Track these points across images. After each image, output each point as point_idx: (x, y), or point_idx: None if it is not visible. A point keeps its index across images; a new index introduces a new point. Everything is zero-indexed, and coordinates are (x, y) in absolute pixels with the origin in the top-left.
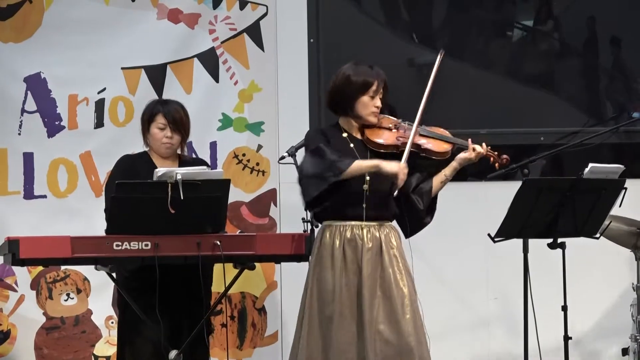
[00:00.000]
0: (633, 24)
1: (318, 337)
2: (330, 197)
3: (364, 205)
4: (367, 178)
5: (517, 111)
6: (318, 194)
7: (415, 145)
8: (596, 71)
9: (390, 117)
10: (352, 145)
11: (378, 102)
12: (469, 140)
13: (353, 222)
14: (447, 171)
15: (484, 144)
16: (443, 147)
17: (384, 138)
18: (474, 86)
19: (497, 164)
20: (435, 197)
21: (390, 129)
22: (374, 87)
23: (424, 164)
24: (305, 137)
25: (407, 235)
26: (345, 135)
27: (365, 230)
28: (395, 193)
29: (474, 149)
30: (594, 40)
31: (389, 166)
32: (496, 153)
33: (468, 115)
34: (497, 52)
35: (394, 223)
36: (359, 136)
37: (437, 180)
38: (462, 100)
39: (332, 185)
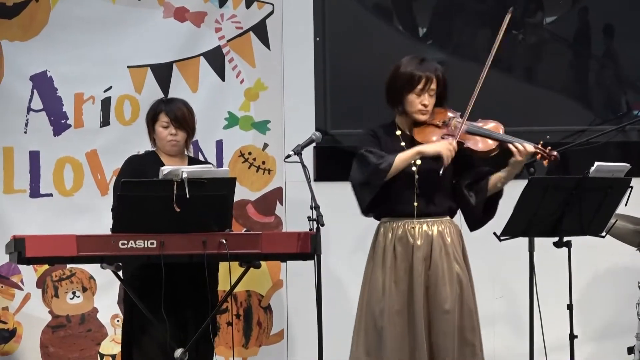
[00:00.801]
0: (632, 20)
1: (372, 332)
2: (385, 197)
3: (415, 204)
4: (417, 177)
5: (523, 109)
6: (371, 199)
7: (459, 143)
8: (601, 69)
9: (447, 110)
10: (403, 143)
11: (426, 100)
12: (513, 140)
13: (405, 220)
14: (502, 173)
15: (531, 145)
16: (485, 146)
17: (427, 136)
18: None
19: (545, 161)
20: (497, 197)
21: (438, 126)
22: (420, 85)
23: (483, 161)
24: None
25: (471, 229)
26: (398, 133)
27: (417, 228)
28: (441, 172)
29: (518, 150)
30: (597, 38)
31: (431, 147)
32: (549, 149)
33: (474, 113)
34: (503, 51)
35: (456, 218)
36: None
37: (493, 179)
38: (468, 98)
39: (383, 188)
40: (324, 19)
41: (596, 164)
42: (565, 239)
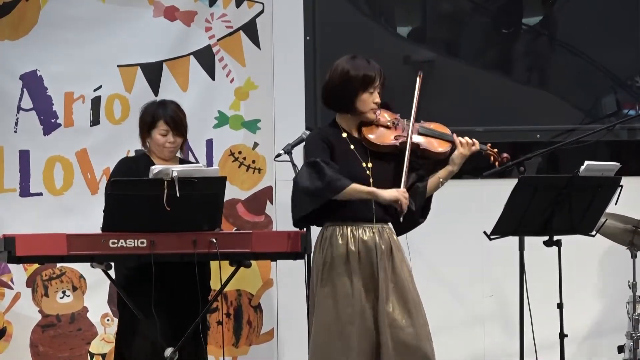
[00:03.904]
0: (623, 19)
1: (337, 340)
2: (318, 216)
3: (374, 207)
4: (372, 181)
5: (513, 109)
6: (310, 211)
7: (413, 145)
8: (591, 69)
9: (388, 112)
10: (352, 146)
11: (377, 98)
12: (454, 135)
13: (365, 224)
14: (442, 174)
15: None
16: (441, 146)
17: (381, 138)
18: (470, 84)
19: (497, 162)
20: (430, 198)
21: (388, 127)
22: (373, 83)
23: (420, 162)
24: (306, 143)
25: (397, 234)
26: (345, 135)
27: (377, 233)
28: (401, 219)
29: (461, 144)
30: (588, 37)
31: (386, 194)
32: (495, 150)
33: (465, 112)
34: (493, 50)
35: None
36: (357, 135)
37: (432, 182)
38: (458, 97)
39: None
40: (314, 18)
41: (586, 163)
42: (556, 238)
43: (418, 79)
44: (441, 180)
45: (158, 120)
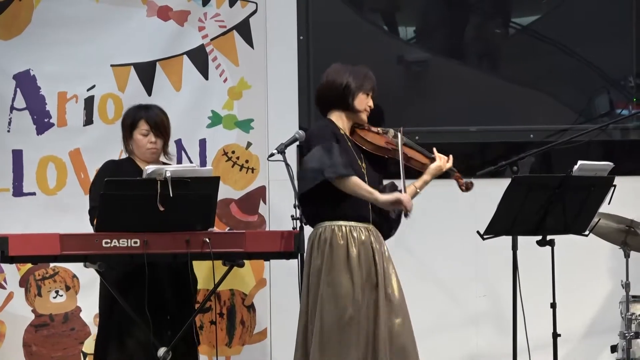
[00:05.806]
0: (615, 19)
1: (335, 341)
2: (322, 200)
3: (370, 207)
4: (366, 179)
5: (506, 108)
6: (312, 187)
7: (404, 156)
8: (584, 69)
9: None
10: (349, 143)
11: (371, 102)
12: (434, 148)
13: (361, 224)
14: (418, 184)
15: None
16: (425, 159)
17: (376, 139)
18: (463, 84)
19: (462, 187)
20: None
21: (379, 133)
22: (371, 87)
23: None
24: (315, 130)
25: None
26: (342, 132)
27: (373, 233)
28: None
29: (439, 157)
30: (581, 37)
31: (387, 197)
32: (459, 175)
33: (458, 112)
34: (486, 50)
35: None
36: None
37: (408, 192)
38: (452, 97)
39: (325, 183)
40: (308, 18)
41: (579, 162)
42: (549, 237)
43: (399, 135)
44: (417, 189)
45: (139, 120)
